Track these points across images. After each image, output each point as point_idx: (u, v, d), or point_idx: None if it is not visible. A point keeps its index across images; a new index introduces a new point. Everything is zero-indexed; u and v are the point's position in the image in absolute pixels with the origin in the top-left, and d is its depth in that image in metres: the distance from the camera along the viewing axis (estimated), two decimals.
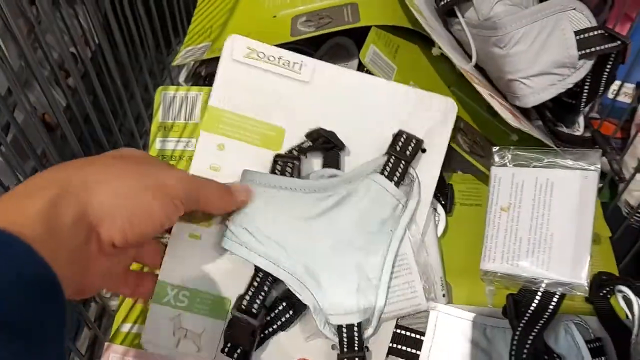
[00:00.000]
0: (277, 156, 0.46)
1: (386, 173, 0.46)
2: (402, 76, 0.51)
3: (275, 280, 0.45)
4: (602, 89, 0.49)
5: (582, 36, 0.45)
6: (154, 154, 0.53)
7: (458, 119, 0.50)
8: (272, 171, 0.45)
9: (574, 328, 0.48)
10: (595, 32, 0.45)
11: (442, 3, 0.52)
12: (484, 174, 0.52)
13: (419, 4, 0.53)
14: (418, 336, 0.47)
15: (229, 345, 0.44)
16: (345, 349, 0.44)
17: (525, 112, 0.53)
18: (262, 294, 0.44)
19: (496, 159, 0.49)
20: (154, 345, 0.45)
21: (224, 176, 0.45)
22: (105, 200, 0.33)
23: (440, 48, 0.49)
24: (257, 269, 0.44)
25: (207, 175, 0.45)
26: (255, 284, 0.44)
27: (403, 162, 0.46)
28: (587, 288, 0.45)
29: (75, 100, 0.55)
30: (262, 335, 0.45)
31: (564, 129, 0.53)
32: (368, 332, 0.45)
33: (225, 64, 0.47)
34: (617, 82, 0.65)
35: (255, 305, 0.44)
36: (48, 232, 0.29)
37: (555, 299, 0.46)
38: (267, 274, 0.44)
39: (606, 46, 0.45)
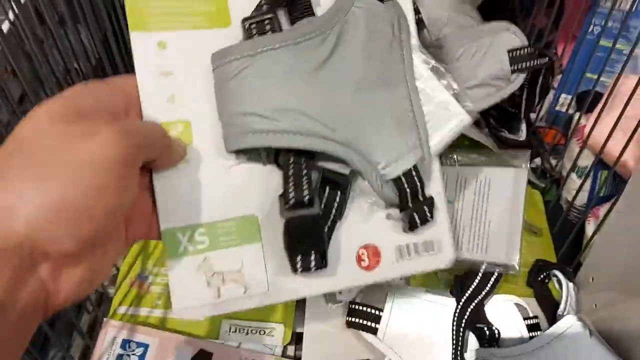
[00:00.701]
0: (246, 20, 0.37)
1: None
2: None
3: (310, 159, 0.37)
4: (537, 100, 0.57)
5: (514, 53, 0.53)
6: None
7: None
8: (249, 37, 0.37)
9: (514, 307, 0.56)
10: (526, 50, 0.53)
11: None
12: None
13: None
14: (376, 312, 0.54)
15: (299, 258, 0.36)
16: (410, 204, 0.38)
17: (475, 120, 0.61)
18: (305, 177, 0.36)
19: (446, 159, 0.57)
20: (189, 308, 0.36)
21: (182, 80, 0.37)
22: (31, 215, 0.26)
23: None
24: (285, 153, 0.37)
25: (160, 84, 0.36)
26: (291, 172, 0.36)
27: None
28: (517, 268, 0.52)
29: None
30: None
31: (507, 134, 0.60)
32: (434, 182, 0.40)
33: None
34: (565, 96, 0.73)
35: (306, 192, 0.36)
36: None
37: (492, 279, 0.53)
38: (298, 155, 0.37)
39: (536, 62, 0.53)
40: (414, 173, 0.38)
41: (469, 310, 0.51)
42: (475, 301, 0.52)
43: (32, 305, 0.27)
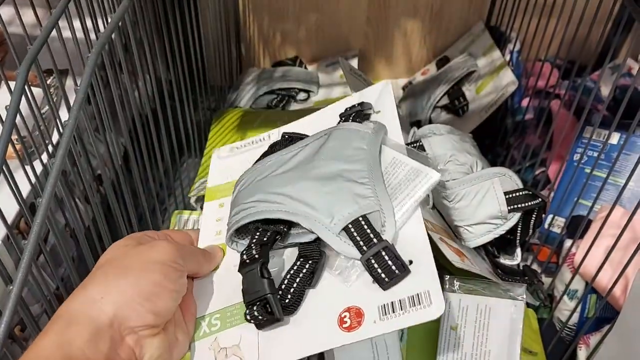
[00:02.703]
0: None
1: (344, 119, 0.51)
2: None
3: (270, 231, 0.46)
4: (530, 231, 0.62)
5: (510, 196, 0.58)
6: None
7: None
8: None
9: None
10: (521, 193, 0.59)
11: None
12: None
13: None
14: None
15: (248, 310, 0.42)
16: (364, 249, 0.41)
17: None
18: (255, 239, 0.46)
19: (447, 285, 0.61)
20: None
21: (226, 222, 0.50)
22: (116, 301, 0.37)
23: None
24: (257, 224, 0.46)
25: (214, 226, 0.53)
26: (257, 235, 0.46)
27: (358, 112, 0.51)
28: None
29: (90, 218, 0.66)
30: (289, 298, 0.42)
31: (503, 260, 0.65)
32: (389, 231, 0.42)
33: (215, 164, 0.59)
34: (557, 218, 0.79)
35: (253, 250, 0.44)
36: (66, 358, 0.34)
37: None
38: (259, 228, 0.46)
39: (530, 203, 0.59)
40: (362, 222, 0.42)
41: None
42: None
43: None
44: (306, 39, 1.12)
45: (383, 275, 0.40)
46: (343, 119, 0.52)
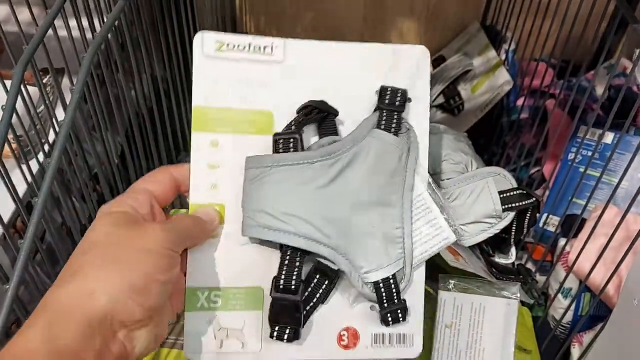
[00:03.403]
0: (276, 135, 0.45)
1: (382, 126, 0.46)
2: None
3: (305, 254, 0.45)
4: (525, 230, 0.63)
5: (505, 195, 0.59)
6: None
7: None
8: (275, 151, 0.45)
9: None
10: (516, 192, 0.59)
11: None
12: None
13: None
14: None
15: (277, 328, 0.44)
16: (385, 304, 0.45)
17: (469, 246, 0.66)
18: (296, 269, 0.44)
19: (442, 284, 0.62)
20: (197, 353, 0.45)
21: (225, 173, 0.45)
22: (109, 295, 0.35)
23: None
24: (285, 247, 0.44)
25: (207, 173, 0.45)
26: (286, 261, 0.44)
27: (396, 113, 0.47)
28: None
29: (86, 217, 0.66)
30: (306, 311, 0.45)
31: (497, 259, 0.65)
32: (403, 283, 0.46)
33: (199, 61, 0.45)
34: (552, 217, 0.79)
35: (293, 282, 0.44)
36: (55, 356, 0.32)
37: None
38: (295, 250, 0.44)
39: (524, 202, 0.59)
40: (391, 281, 0.46)
41: None
42: None
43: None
44: (302, 38, 1.12)
45: (390, 322, 0.47)
46: (380, 123, 0.47)
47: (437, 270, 0.68)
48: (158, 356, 0.66)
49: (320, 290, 0.46)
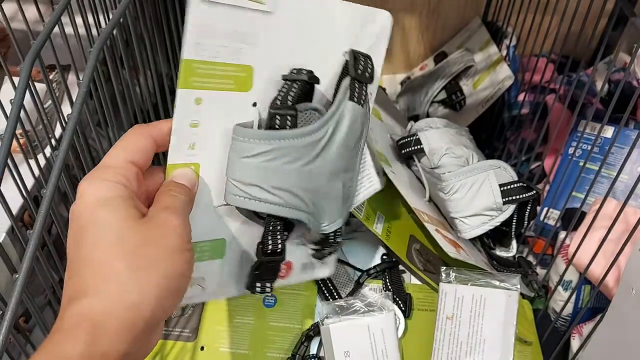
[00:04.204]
0: (273, 108, 0.45)
1: (355, 99, 0.47)
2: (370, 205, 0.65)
3: (285, 219, 0.49)
4: (526, 223, 0.64)
5: (505, 188, 0.60)
6: None
7: (415, 240, 0.63)
8: (271, 126, 0.45)
9: None
10: (516, 185, 0.60)
11: (403, 152, 0.67)
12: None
13: (385, 153, 0.67)
14: None
15: (259, 284, 0.50)
16: (326, 248, 0.53)
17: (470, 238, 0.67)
18: (279, 233, 0.49)
19: (443, 276, 0.62)
20: None
21: (204, 132, 0.45)
22: (153, 301, 0.34)
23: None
24: (270, 216, 0.48)
25: (188, 133, 0.44)
26: (271, 228, 0.48)
27: (364, 85, 0.48)
28: None
29: None
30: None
31: (498, 252, 0.66)
32: (337, 225, 0.51)
33: (195, 6, 0.42)
34: (552, 210, 0.80)
35: (279, 246, 0.49)
36: None
37: None
38: (279, 217, 0.48)
39: (524, 195, 0.60)
40: (338, 231, 0.52)
41: None
42: None
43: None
44: None
45: (322, 256, 0.54)
46: (352, 94, 0.47)
47: (439, 262, 0.69)
48: (163, 348, 0.67)
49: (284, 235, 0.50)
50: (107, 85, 0.63)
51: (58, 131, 0.62)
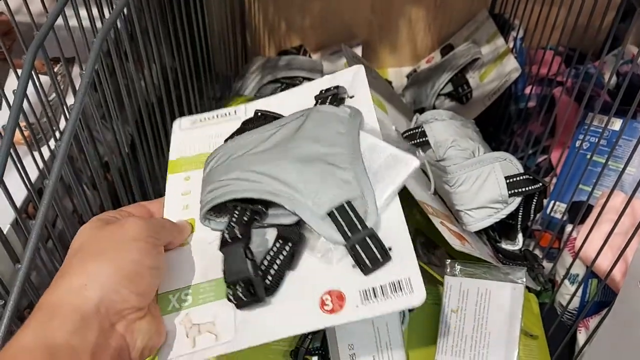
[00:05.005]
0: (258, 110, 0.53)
1: (322, 101, 0.50)
2: None
3: (255, 213, 0.45)
4: (532, 216, 0.63)
5: (511, 180, 0.59)
6: None
7: (420, 233, 0.62)
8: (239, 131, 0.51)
9: None
10: (522, 177, 0.59)
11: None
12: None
13: None
14: None
15: (230, 287, 0.42)
16: (348, 234, 0.41)
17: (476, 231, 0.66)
18: (243, 222, 0.44)
19: (448, 269, 0.62)
20: (171, 358, 0.42)
21: (196, 195, 0.49)
22: (100, 286, 0.36)
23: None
24: (233, 206, 0.45)
25: (180, 199, 0.50)
26: (236, 214, 0.44)
27: (334, 96, 0.50)
28: None
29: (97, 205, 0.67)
30: (270, 280, 0.42)
31: (504, 245, 0.66)
32: (372, 218, 0.42)
33: (176, 135, 0.55)
34: (559, 203, 0.79)
35: (236, 230, 0.43)
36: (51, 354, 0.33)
37: None
38: (244, 205, 0.44)
39: (530, 187, 0.59)
40: (347, 208, 0.42)
41: None
42: None
43: (118, 356, 0.37)
44: (311, 28, 1.13)
45: (367, 262, 0.40)
46: (319, 101, 0.50)
47: (444, 256, 0.68)
48: None
49: (283, 255, 0.43)
50: (112, 79, 0.63)
51: (62, 124, 0.62)
